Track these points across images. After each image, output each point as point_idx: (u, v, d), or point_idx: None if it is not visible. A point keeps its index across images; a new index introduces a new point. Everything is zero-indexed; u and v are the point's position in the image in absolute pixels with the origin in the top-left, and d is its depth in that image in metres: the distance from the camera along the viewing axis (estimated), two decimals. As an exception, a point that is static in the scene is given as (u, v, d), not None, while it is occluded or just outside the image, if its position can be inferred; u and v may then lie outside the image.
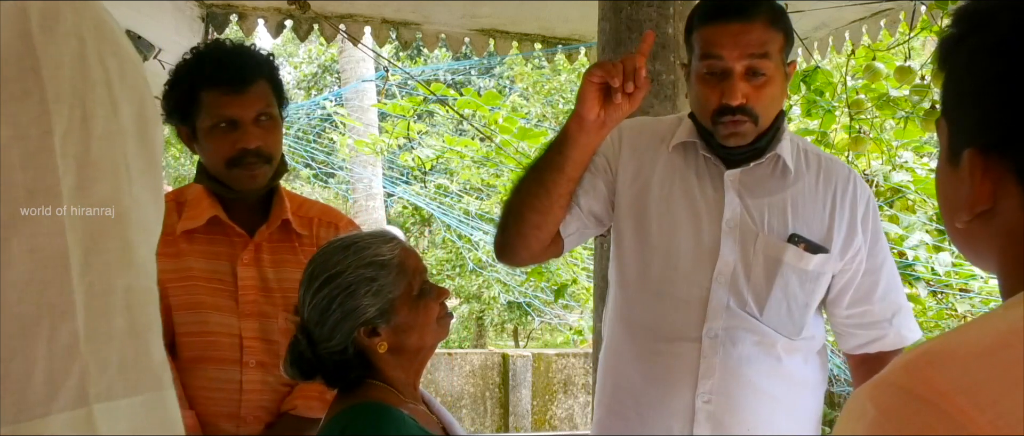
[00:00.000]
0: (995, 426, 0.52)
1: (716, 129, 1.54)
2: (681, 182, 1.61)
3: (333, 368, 1.39)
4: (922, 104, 3.59)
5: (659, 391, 1.58)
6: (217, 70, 1.70)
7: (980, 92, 0.66)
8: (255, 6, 3.60)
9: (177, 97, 1.73)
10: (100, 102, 0.71)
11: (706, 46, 1.53)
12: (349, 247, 1.40)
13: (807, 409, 1.64)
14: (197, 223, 1.74)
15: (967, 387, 0.54)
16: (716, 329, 1.55)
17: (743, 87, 1.49)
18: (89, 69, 0.70)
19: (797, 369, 1.60)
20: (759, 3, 1.52)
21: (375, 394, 1.39)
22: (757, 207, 1.58)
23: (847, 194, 1.61)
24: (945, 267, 3.89)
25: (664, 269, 1.59)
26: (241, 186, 1.74)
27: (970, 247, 0.72)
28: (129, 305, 0.71)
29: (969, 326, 0.61)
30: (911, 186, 4.15)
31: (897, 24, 3.62)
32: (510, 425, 5.83)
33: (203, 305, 1.72)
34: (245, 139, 1.70)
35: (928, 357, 0.57)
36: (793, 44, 1.59)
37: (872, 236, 1.62)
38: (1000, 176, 0.65)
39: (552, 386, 5.96)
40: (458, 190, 8.21)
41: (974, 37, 0.67)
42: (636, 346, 1.63)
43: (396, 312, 1.39)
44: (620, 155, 1.65)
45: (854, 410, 0.58)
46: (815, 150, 1.68)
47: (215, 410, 1.71)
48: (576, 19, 3.79)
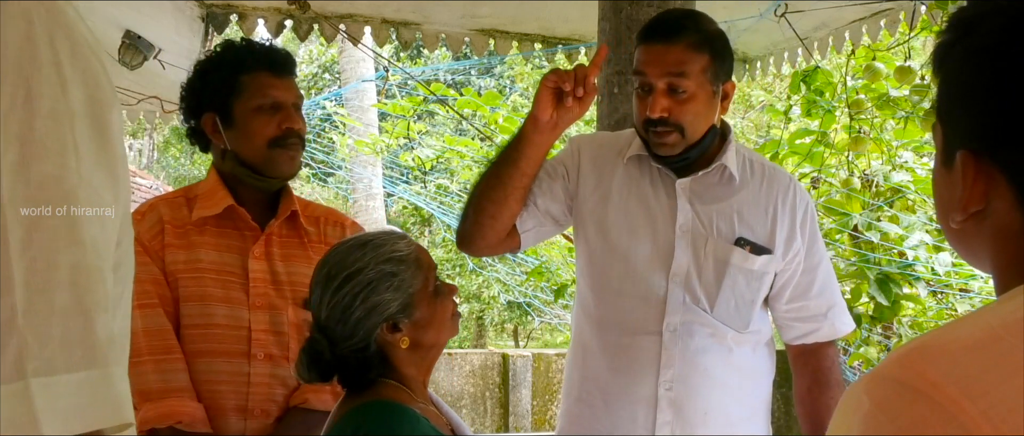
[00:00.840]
0: (986, 416, 0.53)
1: (648, 139, 1.71)
2: (637, 191, 1.77)
3: (354, 367, 1.39)
4: (922, 104, 3.59)
5: (624, 380, 1.73)
6: (262, 55, 1.78)
7: (970, 96, 0.68)
8: (255, 6, 3.60)
9: (211, 84, 1.77)
10: (47, 82, 0.71)
11: (636, 63, 1.70)
12: (366, 244, 1.41)
13: (756, 395, 1.81)
14: (213, 211, 1.76)
15: (959, 379, 0.55)
16: (675, 323, 1.71)
17: (664, 102, 1.65)
18: (37, 50, 0.71)
19: (746, 359, 1.77)
20: (684, 27, 1.67)
21: (387, 393, 1.38)
22: (706, 213, 1.74)
23: (788, 200, 1.77)
24: (945, 267, 3.89)
25: (625, 270, 1.74)
26: (277, 170, 1.78)
27: (965, 246, 0.73)
28: (74, 282, 0.71)
29: (962, 321, 0.62)
30: (911, 186, 4.15)
31: (897, 24, 3.62)
32: (510, 425, 5.83)
33: (210, 297, 1.72)
34: (289, 119, 1.76)
35: (921, 350, 0.58)
36: (728, 64, 1.72)
37: (810, 238, 1.78)
38: (992, 177, 0.66)
39: (552, 386, 5.96)
40: (458, 190, 8.20)
41: (964, 42, 0.68)
42: (601, 340, 1.77)
43: (416, 307, 1.40)
44: (581, 166, 1.81)
45: (850, 402, 0.60)
46: (760, 160, 1.83)
47: (222, 403, 1.71)
48: (576, 19, 3.79)
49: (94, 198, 0.74)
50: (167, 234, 1.74)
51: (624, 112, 2.45)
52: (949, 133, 0.71)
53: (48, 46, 0.72)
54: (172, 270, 1.72)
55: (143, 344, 1.63)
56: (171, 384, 1.65)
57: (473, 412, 5.83)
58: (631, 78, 1.73)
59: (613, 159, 1.80)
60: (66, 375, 0.70)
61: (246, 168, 1.77)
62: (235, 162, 1.77)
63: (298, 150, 1.79)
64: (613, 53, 2.48)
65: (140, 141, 21.35)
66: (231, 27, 3.68)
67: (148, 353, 1.65)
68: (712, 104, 1.70)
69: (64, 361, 0.70)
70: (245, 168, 1.77)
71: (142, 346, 1.62)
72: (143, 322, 1.64)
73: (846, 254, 4.16)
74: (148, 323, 1.66)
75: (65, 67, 0.73)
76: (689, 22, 1.69)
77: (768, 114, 8.90)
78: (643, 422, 1.71)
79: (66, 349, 0.70)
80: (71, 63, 0.73)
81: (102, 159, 0.75)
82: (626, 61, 2.46)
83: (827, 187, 4.36)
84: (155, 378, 1.64)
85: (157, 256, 1.72)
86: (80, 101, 0.73)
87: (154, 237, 1.73)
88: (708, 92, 1.68)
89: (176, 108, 4.95)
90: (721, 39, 1.71)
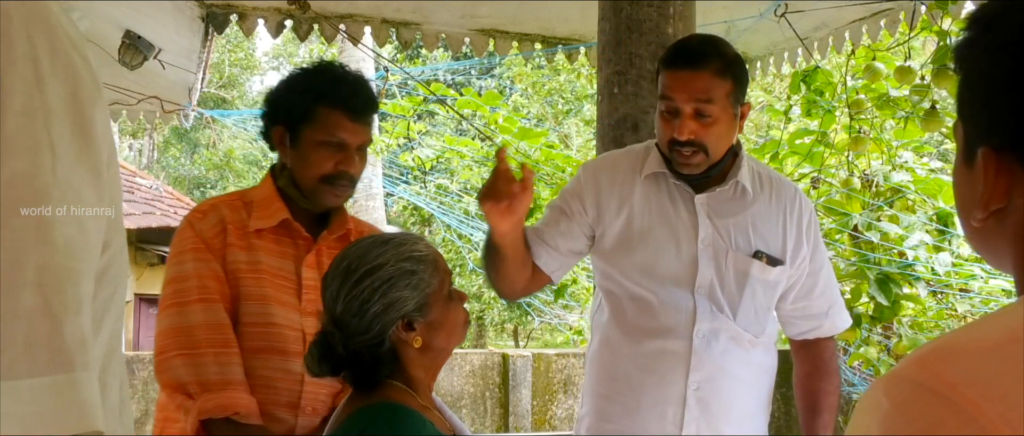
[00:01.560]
0: (1005, 418, 0.52)
1: (673, 158, 1.82)
2: (658, 208, 1.88)
3: (366, 363, 1.39)
4: (922, 104, 3.58)
5: (655, 380, 1.84)
6: (344, 93, 1.81)
7: (991, 92, 0.67)
8: (255, 6, 3.60)
9: (291, 102, 1.82)
10: (22, 78, 0.69)
11: (663, 88, 1.79)
12: (387, 242, 1.43)
13: (766, 387, 1.96)
14: (269, 223, 1.82)
15: (977, 381, 0.54)
16: (704, 330, 1.83)
17: (691, 125, 1.75)
18: (13, 46, 0.69)
19: (760, 357, 1.90)
20: (709, 54, 1.76)
21: (393, 395, 1.39)
22: (724, 227, 1.85)
23: (794, 210, 1.90)
24: (945, 267, 3.88)
25: (653, 284, 1.85)
26: (321, 204, 1.85)
27: (986, 245, 0.73)
28: (42, 283, 0.69)
29: (980, 322, 0.62)
30: (911, 186, 4.15)
31: (897, 24, 3.61)
32: (510, 425, 5.82)
33: (270, 298, 1.78)
34: (347, 163, 1.81)
35: (939, 352, 0.58)
36: (746, 87, 1.83)
37: (813, 243, 1.92)
38: (1014, 174, 0.66)
39: (552, 386, 5.96)
40: (458, 190, 8.20)
41: (984, 39, 0.68)
42: (632, 345, 1.87)
43: (431, 308, 1.42)
44: (600, 194, 1.91)
45: (869, 403, 0.59)
46: (767, 171, 1.96)
47: (276, 398, 1.77)
48: (576, 19, 3.79)
49: (71, 197, 0.71)
50: (229, 234, 1.80)
51: (624, 112, 2.45)
52: (970, 130, 0.71)
53: (25, 42, 0.70)
54: (232, 269, 1.78)
55: (204, 337, 1.69)
56: (228, 377, 1.69)
57: (473, 412, 5.83)
58: (658, 101, 1.81)
59: (631, 178, 1.91)
60: (29, 380, 0.67)
61: (296, 189, 1.84)
62: (289, 180, 1.85)
63: (347, 189, 1.84)
64: (613, 53, 2.48)
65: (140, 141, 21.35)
66: (231, 27, 3.68)
67: (208, 345, 1.70)
68: (734, 126, 1.81)
69: (27, 365, 0.67)
70: (296, 189, 1.84)
71: (203, 339, 1.69)
72: (205, 316, 1.71)
73: (846, 254, 4.16)
74: (210, 317, 1.72)
75: (43, 64, 0.71)
76: (712, 49, 1.78)
77: (768, 114, 8.90)
78: (672, 420, 1.83)
79: (30, 352, 0.67)
80: (50, 60, 0.71)
81: (84, 158, 0.73)
82: (626, 61, 2.46)
83: (827, 187, 4.36)
84: (214, 370, 1.69)
85: (218, 254, 1.77)
86: (60, 99, 0.71)
87: (216, 235, 1.79)
88: (730, 115, 1.79)
89: (176, 108, 4.95)
90: (740, 64, 1.81)
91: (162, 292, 1.78)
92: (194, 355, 1.68)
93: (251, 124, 7.51)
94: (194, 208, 1.86)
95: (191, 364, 1.67)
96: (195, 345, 1.69)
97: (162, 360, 1.71)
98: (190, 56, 4.03)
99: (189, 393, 1.67)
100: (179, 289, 1.74)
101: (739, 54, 1.83)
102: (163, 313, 1.75)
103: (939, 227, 3.99)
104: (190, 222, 1.80)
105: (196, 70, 4.16)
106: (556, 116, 12.12)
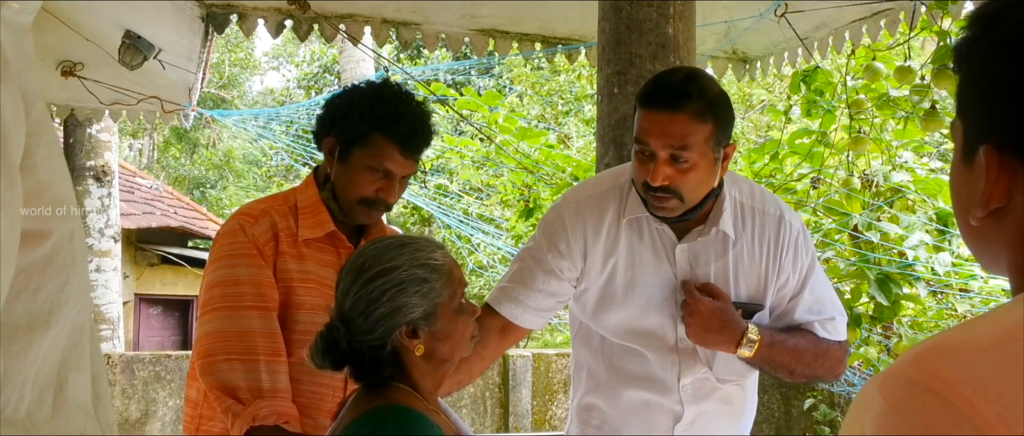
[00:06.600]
0: (1002, 417, 0.52)
1: (648, 200, 1.71)
2: (640, 260, 1.80)
3: (367, 362, 1.40)
4: (922, 104, 3.58)
5: (644, 423, 1.86)
6: (404, 130, 1.81)
7: (993, 90, 0.67)
8: (255, 6, 3.60)
9: (348, 120, 1.83)
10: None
11: (637, 130, 1.67)
12: (405, 246, 1.42)
13: (750, 407, 1.98)
14: (317, 234, 1.87)
15: (973, 379, 0.54)
16: (688, 383, 1.83)
17: (665, 171, 1.64)
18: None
19: (743, 392, 1.93)
20: (688, 94, 1.62)
21: (400, 397, 1.39)
22: (705, 275, 1.78)
23: (779, 245, 1.80)
24: (945, 267, 3.88)
25: (637, 340, 1.83)
26: (355, 221, 1.91)
27: (982, 245, 0.73)
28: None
29: (976, 321, 0.62)
30: (911, 186, 4.14)
31: (897, 24, 3.61)
32: (510, 425, 5.82)
33: (319, 307, 1.80)
34: (388, 191, 1.85)
35: (935, 350, 0.58)
36: (730, 127, 1.70)
37: (798, 270, 1.82)
38: (1015, 173, 0.66)
39: (552, 386, 5.96)
40: (458, 190, 8.21)
41: (986, 37, 0.68)
42: (620, 389, 1.87)
43: (438, 318, 1.41)
44: (585, 244, 1.82)
45: (863, 401, 0.59)
46: (750, 203, 1.83)
47: (320, 406, 1.83)
48: (576, 19, 3.79)
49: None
50: (281, 242, 1.83)
51: (624, 112, 2.45)
52: (971, 129, 0.70)
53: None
54: (283, 277, 1.82)
55: (260, 344, 1.73)
56: (277, 385, 1.73)
57: (473, 412, 5.83)
58: (633, 140, 1.71)
59: (611, 222, 1.81)
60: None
61: (336, 203, 1.89)
62: (330, 192, 1.89)
63: (381, 212, 1.90)
64: (613, 53, 2.48)
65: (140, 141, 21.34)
66: (231, 27, 3.68)
67: (264, 353, 1.74)
68: (713, 170, 1.69)
69: None
70: (335, 202, 1.89)
71: (258, 346, 1.73)
72: (261, 323, 1.74)
73: (846, 254, 4.16)
74: (265, 325, 1.76)
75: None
76: (693, 88, 1.63)
77: (768, 114, 8.90)
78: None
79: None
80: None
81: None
82: (626, 61, 2.46)
83: (827, 187, 4.36)
84: (267, 377, 1.72)
85: (270, 261, 1.81)
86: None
87: (268, 242, 1.82)
88: (710, 160, 1.66)
89: (176, 108, 4.95)
90: (724, 103, 1.68)
91: (207, 293, 1.79)
92: (249, 361, 1.71)
93: (251, 124, 7.50)
94: (242, 211, 1.88)
95: (245, 370, 1.70)
96: (250, 351, 1.72)
97: (210, 362, 1.73)
98: (190, 56, 4.03)
99: (239, 398, 1.69)
100: (230, 293, 1.75)
101: (723, 91, 1.70)
102: (211, 314, 1.76)
103: (939, 227, 3.99)
104: (242, 226, 1.80)
105: (196, 70, 4.16)
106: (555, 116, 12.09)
